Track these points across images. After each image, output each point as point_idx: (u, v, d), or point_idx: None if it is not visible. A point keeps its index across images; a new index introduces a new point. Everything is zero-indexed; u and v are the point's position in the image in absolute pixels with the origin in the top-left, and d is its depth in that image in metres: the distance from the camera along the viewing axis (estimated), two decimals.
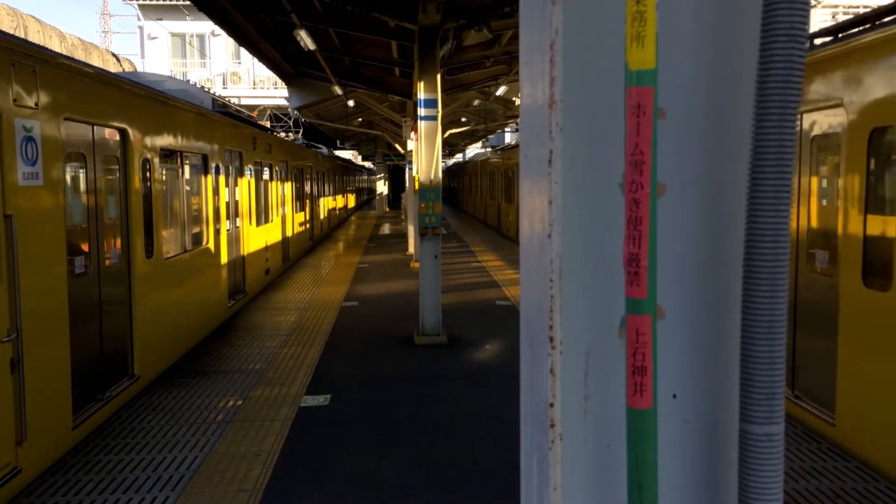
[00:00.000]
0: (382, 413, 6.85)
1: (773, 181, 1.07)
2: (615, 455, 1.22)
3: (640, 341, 1.10)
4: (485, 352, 9.21)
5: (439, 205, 9.84)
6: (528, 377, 1.34)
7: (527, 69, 1.30)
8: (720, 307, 1.22)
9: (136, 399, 7.19)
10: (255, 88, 35.15)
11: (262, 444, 6.05)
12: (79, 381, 6.12)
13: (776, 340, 1.10)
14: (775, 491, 1.12)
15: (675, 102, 1.17)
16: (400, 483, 5.36)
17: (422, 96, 9.92)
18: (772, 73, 1.05)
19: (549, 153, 1.15)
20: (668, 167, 1.17)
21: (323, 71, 15.27)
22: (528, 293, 1.32)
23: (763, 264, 1.09)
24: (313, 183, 23.84)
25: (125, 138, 7.27)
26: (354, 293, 13.63)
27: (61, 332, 5.78)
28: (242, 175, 12.82)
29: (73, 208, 6.34)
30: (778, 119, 1.06)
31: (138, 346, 7.45)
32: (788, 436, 5.98)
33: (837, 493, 4.97)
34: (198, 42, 36.38)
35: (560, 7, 1.11)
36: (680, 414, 1.23)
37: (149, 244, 7.90)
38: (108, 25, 48.43)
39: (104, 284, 6.80)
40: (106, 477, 5.38)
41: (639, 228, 1.08)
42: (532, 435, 1.31)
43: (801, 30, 1.04)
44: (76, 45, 16.15)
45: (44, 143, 5.52)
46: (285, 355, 8.94)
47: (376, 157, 40.65)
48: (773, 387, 1.11)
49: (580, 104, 1.15)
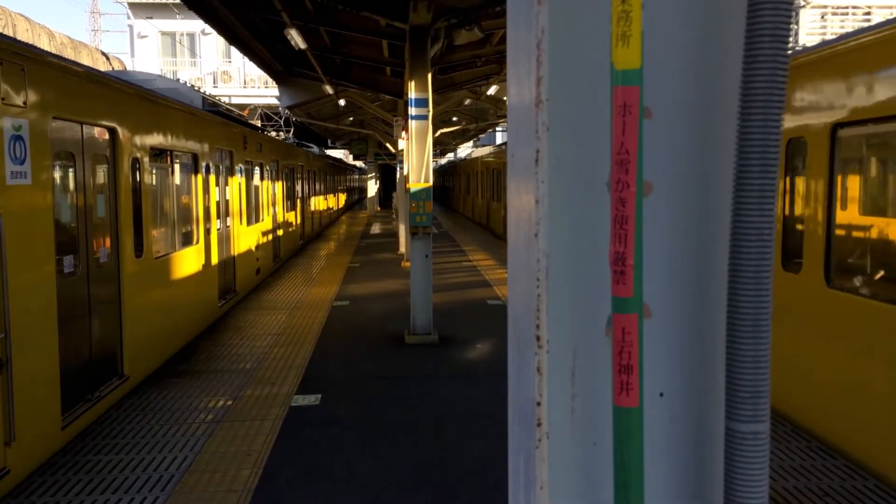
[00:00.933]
0: (373, 412, 6.84)
1: (757, 180, 1.08)
2: (602, 454, 1.22)
3: (626, 340, 1.10)
4: (476, 351, 9.21)
5: (430, 204, 9.84)
6: (516, 376, 1.35)
7: (514, 69, 1.30)
8: (706, 306, 1.23)
9: (125, 399, 7.16)
10: (246, 87, 35.05)
11: (253, 443, 6.04)
12: (68, 382, 6.09)
13: (761, 339, 1.10)
14: (761, 488, 1.13)
15: (661, 101, 1.17)
16: (391, 482, 5.36)
17: (412, 95, 9.92)
18: (756, 73, 1.06)
19: (535, 152, 1.16)
20: (654, 166, 1.17)
21: (314, 70, 15.23)
22: (516, 292, 1.33)
23: (748, 263, 1.09)
24: (304, 182, 23.79)
25: (114, 137, 7.24)
26: (345, 293, 13.61)
27: (50, 332, 5.75)
28: (233, 174, 12.79)
29: (62, 207, 6.31)
30: (762, 118, 1.07)
31: (128, 345, 7.42)
32: (777, 434, 6.01)
33: (825, 491, 4.99)
34: (188, 41, 36.24)
35: (546, 7, 1.11)
36: (667, 412, 1.24)
37: (138, 243, 7.87)
38: (97, 24, 48.19)
39: (93, 284, 6.77)
40: (95, 477, 5.36)
41: (625, 227, 1.09)
42: (519, 434, 1.31)
43: (785, 30, 1.05)
44: (65, 44, 16.08)
45: (32, 142, 5.49)
46: (276, 355, 8.92)
47: (367, 157, 40.65)
48: (759, 385, 1.11)
49: (567, 103, 1.15)
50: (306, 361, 8.62)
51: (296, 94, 18.97)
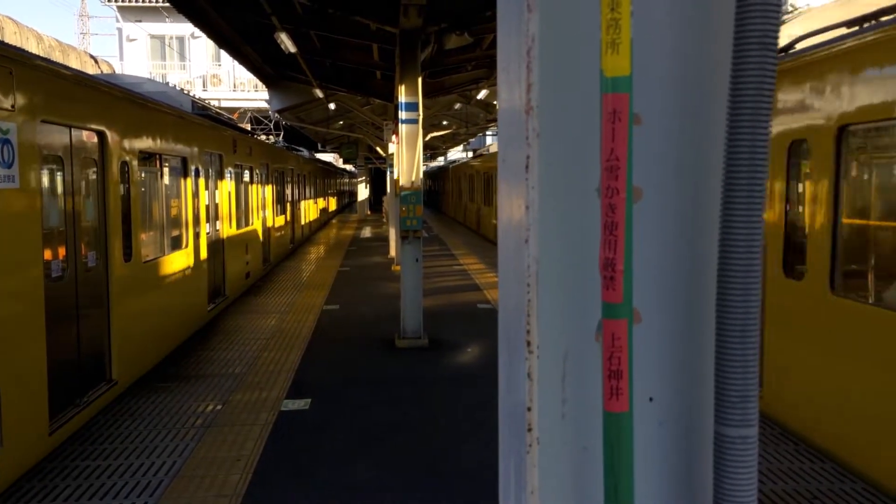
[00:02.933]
0: (363, 417, 6.83)
1: (745, 186, 1.08)
2: (593, 459, 1.22)
3: (615, 345, 1.11)
4: (466, 355, 9.21)
5: (420, 208, 9.85)
6: (506, 381, 1.35)
7: (504, 75, 1.31)
8: (696, 311, 1.24)
9: (114, 404, 7.12)
10: (236, 91, 34.93)
11: (242, 448, 6.01)
12: (55, 386, 6.05)
13: (749, 343, 1.11)
14: (749, 492, 1.14)
15: (651, 108, 1.18)
16: (381, 487, 5.35)
17: (403, 99, 9.92)
18: (744, 80, 1.07)
19: (526, 158, 1.16)
20: (643, 172, 1.18)
21: (304, 74, 15.22)
22: (506, 297, 1.33)
23: (736, 268, 1.10)
24: (294, 186, 23.74)
25: (103, 141, 7.20)
26: (335, 296, 13.59)
27: (37, 336, 5.72)
28: (222, 178, 12.75)
29: (50, 211, 6.27)
30: (751, 125, 1.07)
31: (116, 350, 7.38)
32: (766, 437, 6.04)
33: (815, 495, 5.02)
34: (177, 44, 36.12)
35: (536, 14, 1.12)
36: (656, 417, 1.24)
37: (127, 247, 7.83)
38: (86, 27, 47.98)
39: (81, 288, 6.73)
40: (83, 483, 5.32)
41: (614, 233, 1.09)
42: (510, 439, 1.31)
43: (773, 38, 1.06)
44: (54, 47, 15.98)
45: (20, 145, 5.46)
46: (266, 359, 8.90)
47: (358, 160, 40.59)
48: (747, 389, 1.12)
49: (557, 110, 1.16)
50: (296, 366, 8.59)
51: (286, 98, 18.95)
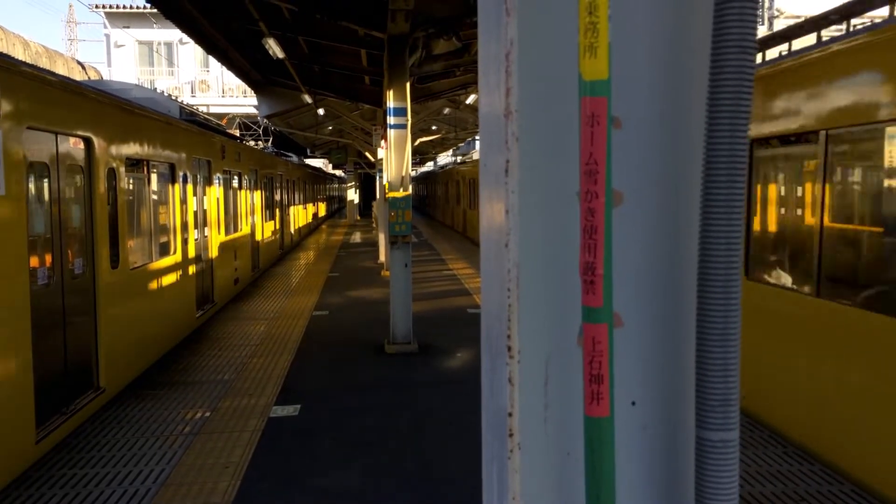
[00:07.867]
0: (353, 422, 6.81)
1: (724, 189, 1.08)
2: (575, 464, 1.22)
3: (596, 349, 1.11)
4: (455, 360, 9.20)
5: (409, 213, 9.84)
6: (489, 386, 1.34)
7: (485, 79, 1.31)
8: (677, 314, 1.24)
9: (101, 411, 7.07)
10: (224, 97, 34.82)
11: (231, 455, 5.98)
12: (42, 394, 6.00)
13: (730, 347, 1.11)
14: (731, 496, 1.13)
15: (630, 112, 1.18)
16: (370, 493, 5.33)
17: (391, 105, 9.92)
18: (723, 83, 1.07)
19: (505, 162, 1.16)
20: (623, 176, 1.18)
21: (292, 79, 15.20)
22: (488, 302, 1.33)
23: (716, 271, 1.10)
24: (283, 191, 23.69)
25: (90, 147, 7.17)
26: (325, 302, 13.55)
27: (24, 344, 5.67)
28: (211, 184, 12.71)
29: (36, 218, 6.23)
30: (729, 128, 1.08)
31: (104, 357, 7.33)
32: (754, 439, 6.05)
33: (802, 496, 5.03)
34: (165, 50, 35.97)
35: (514, 19, 1.12)
36: (638, 421, 1.24)
37: (114, 254, 7.79)
38: (73, 33, 47.72)
39: (68, 295, 6.69)
40: (70, 491, 5.28)
41: (594, 237, 1.09)
42: (492, 444, 1.31)
43: (751, 41, 1.06)
44: (40, 53, 15.90)
45: (5, 152, 5.42)
46: (255, 365, 8.86)
47: (347, 166, 40.59)
48: (728, 393, 1.12)
49: (536, 114, 1.15)
50: (285, 372, 8.56)
51: (274, 104, 18.92)
